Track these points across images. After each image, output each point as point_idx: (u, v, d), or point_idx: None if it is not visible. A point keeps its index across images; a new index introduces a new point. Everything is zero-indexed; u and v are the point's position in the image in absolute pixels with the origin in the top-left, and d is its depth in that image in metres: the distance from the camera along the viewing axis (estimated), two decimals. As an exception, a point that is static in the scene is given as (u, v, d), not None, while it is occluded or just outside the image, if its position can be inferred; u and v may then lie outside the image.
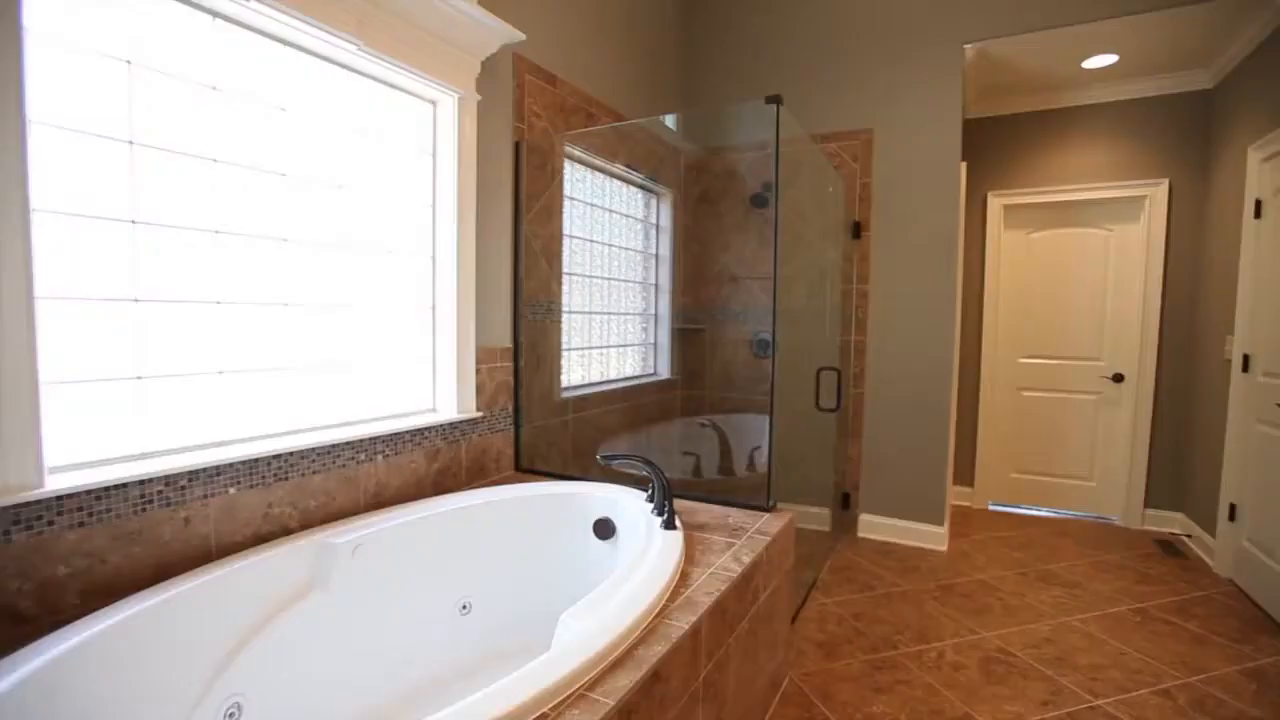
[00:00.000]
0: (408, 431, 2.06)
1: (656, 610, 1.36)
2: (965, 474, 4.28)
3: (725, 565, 1.60)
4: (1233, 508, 3.13)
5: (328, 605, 1.58)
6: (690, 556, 1.66)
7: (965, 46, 3.31)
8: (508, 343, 2.55)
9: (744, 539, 1.79)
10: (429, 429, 2.14)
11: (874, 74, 3.51)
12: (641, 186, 3.56)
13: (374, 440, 1.94)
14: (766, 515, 2.01)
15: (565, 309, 2.94)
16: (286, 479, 1.68)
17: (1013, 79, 3.76)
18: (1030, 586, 3.02)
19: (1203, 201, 3.69)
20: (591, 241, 3.16)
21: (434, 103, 2.22)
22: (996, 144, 4.13)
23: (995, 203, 4.14)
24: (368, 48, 1.82)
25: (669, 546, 1.60)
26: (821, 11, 3.63)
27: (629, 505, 2.01)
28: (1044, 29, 3.16)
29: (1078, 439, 4.09)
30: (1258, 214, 3.05)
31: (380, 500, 1.96)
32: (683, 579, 1.52)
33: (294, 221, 1.79)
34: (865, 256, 3.55)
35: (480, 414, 2.35)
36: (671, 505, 1.78)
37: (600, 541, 2.09)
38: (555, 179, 2.78)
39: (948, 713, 2.03)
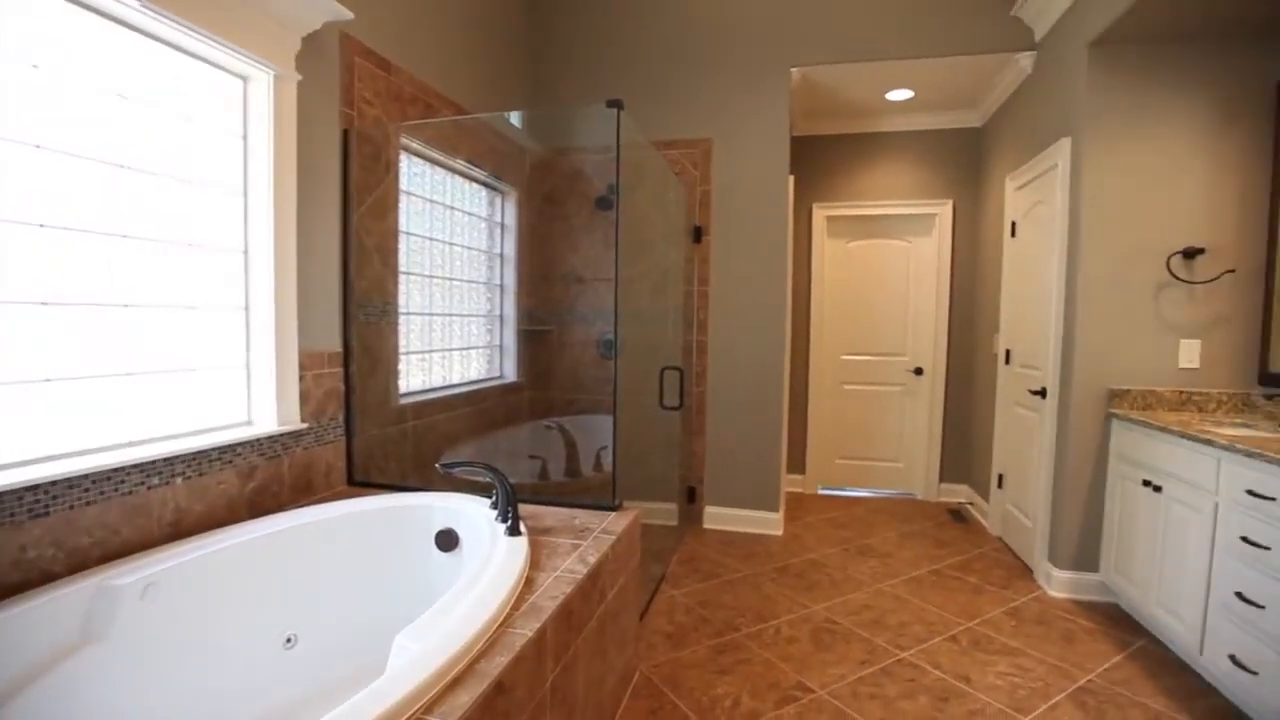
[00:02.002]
0: (215, 449, 1.82)
1: (500, 620, 1.33)
2: (798, 462, 4.66)
3: (571, 567, 1.60)
4: (1000, 477, 3.72)
5: (109, 659, 1.35)
6: (536, 562, 1.64)
7: (792, 70, 3.61)
8: (337, 346, 2.36)
9: (590, 539, 1.81)
10: (243, 444, 1.91)
11: (713, 87, 3.71)
12: (485, 184, 3.46)
13: (171, 461, 1.70)
14: (612, 514, 2.04)
15: (403, 310, 2.78)
16: (47, 514, 1.41)
17: (832, 103, 4.16)
18: (852, 560, 3.36)
19: (977, 221, 4.34)
20: (432, 240, 3.02)
21: (245, 78, 1.99)
22: (820, 160, 4.54)
23: (819, 214, 4.55)
24: (150, 3, 1.58)
25: (513, 553, 1.57)
26: (664, 20, 3.77)
27: (473, 514, 1.94)
28: (855, 61, 3.53)
29: (888, 426, 4.62)
30: (1013, 233, 3.65)
31: (180, 530, 1.72)
32: (528, 585, 1.50)
33: (67, 206, 1.51)
34: (706, 259, 3.75)
35: (305, 425, 2.15)
36: (516, 511, 1.75)
37: (444, 554, 2.00)
38: (390, 172, 2.62)
39: (783, 684, 2.19)
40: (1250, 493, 1.97)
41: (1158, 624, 2.51)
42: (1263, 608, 1.92)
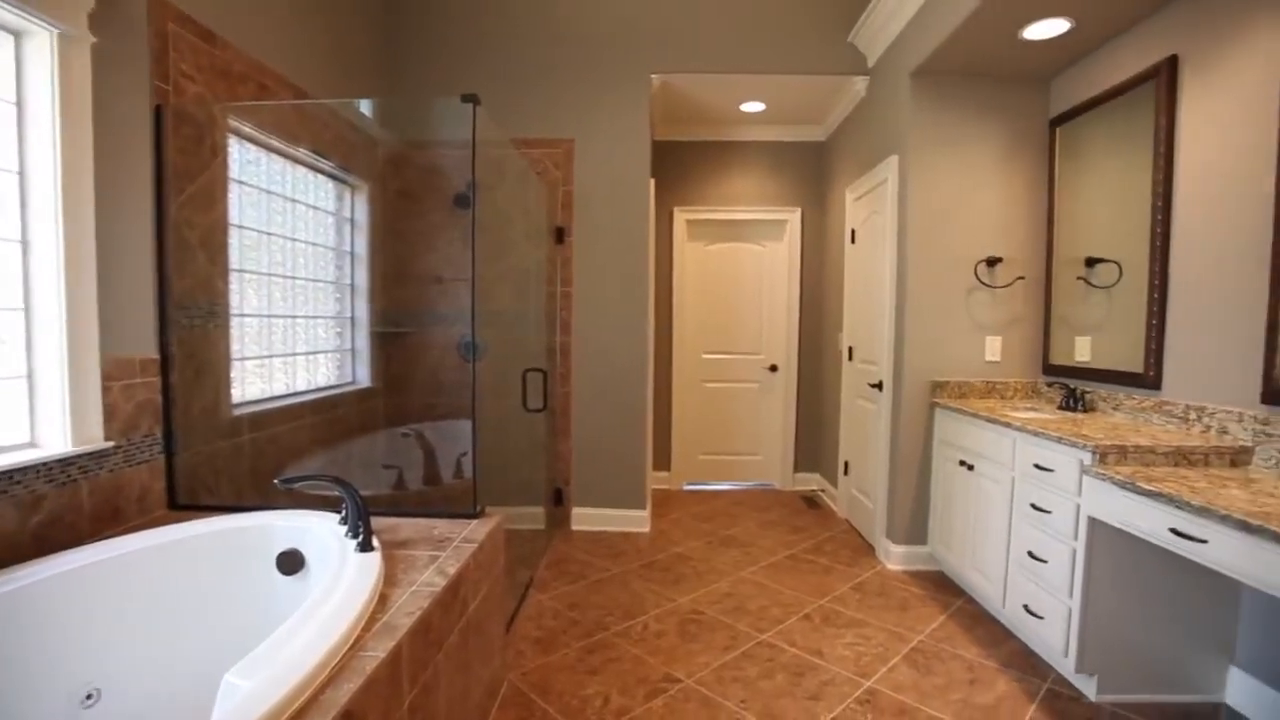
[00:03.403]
0: (-15, 476, 1.53)
1: (349, 643, 1.23)
2: (663, 460, 4.79)
3: (429, 580, 1.53)
4: (846, 464, 4.06)
5: None
6: (390, 577, 1.55)
7: (653, 76, 3.70)
8: (153, 353, 2.07)
9: (450, 549, 1.73)
10: (21, 470, 1.62)
11: (576, 88, 3.71)
12: (332, 176, 3.21)
13: (-79, 493, 1.40)
14: (474, 522, 1.97)
15: (236, 312, 2.51)
16: None
17: (691, 111, 4.32)
18: (715, 552, 3.50)
19: (822, 228, 4.70)
20: (270, 235, 2.75)
21: (17, 34, 1.69)
22: (680, 165, 4.69)
23: (680, 217, 4.71)
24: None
25: (365, 571, 1.46)
26: (527, 18, 3.71)
27: (320, 531, 1.79)
28: (710, 72, 3.70)
29: (747, 421, 4.88)
30: (853, 240, 4.00)
31: (-64, 574, 1.42)
32: (381, 603, 1.41)
33: None
34: (569, 260, 3.74)
35: (111, 444, 1.86)
36: (368, 525, 1.63)
37: (287, 578, 1.82)
38: (218, 157, 2.35)
39: (652, 677, 2.24)
40: (1036, 466, 2.31)
41: (972, 585, 2.86)
42: (1045, 562, 2.25)
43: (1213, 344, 2.21)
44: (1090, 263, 2.82)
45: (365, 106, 3.50)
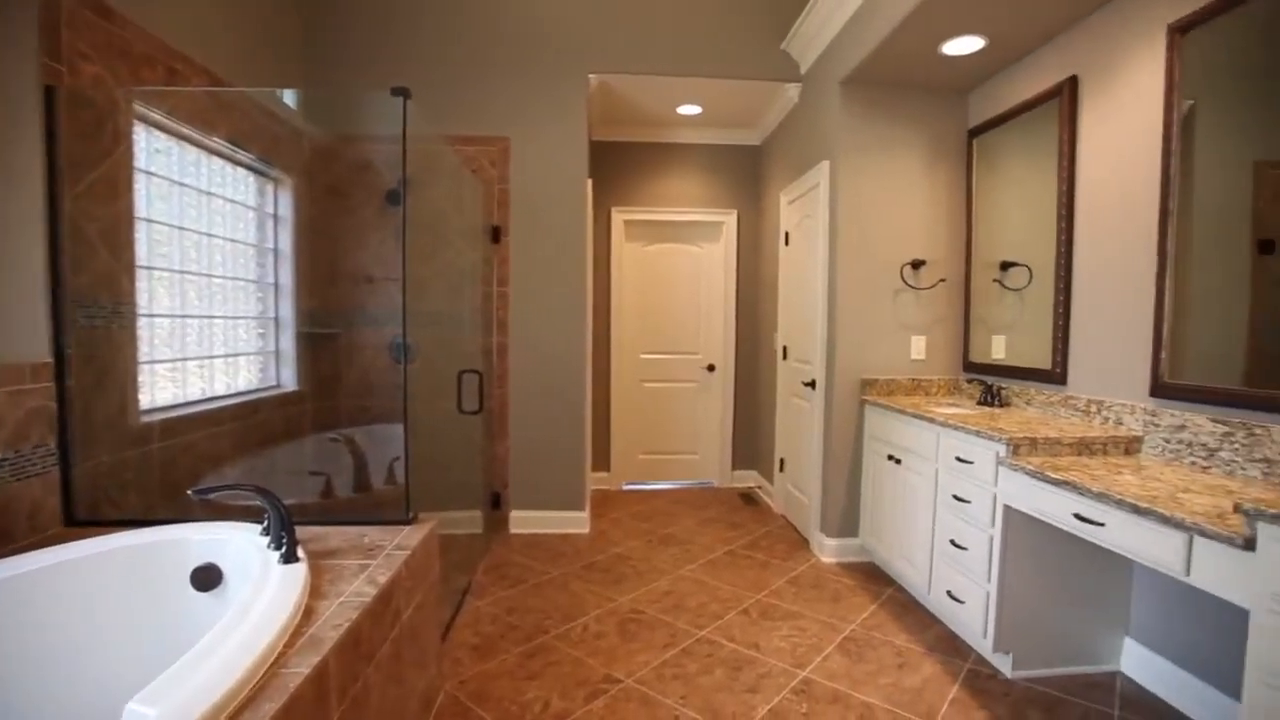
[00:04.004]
0: None
1: (271, 659, 1.17)
2: (602, 460, 4.78)
3: (359, 590, 1.47)
4: (782, 461, 4.16)
5: None
6: (317, 589, 1.48)
7: (590, 76, 3.68)
8: (46, 356, 1.91)
9: (382, 557, 1.67)
10: (-108, 486, 1.46)
11: (511, 85, 3.66)
12: (253, 169, 3.05)
13: None
14: (406, 529, 1.91)
15: (144, 311, 2.35)
16: None
17: (629, 112, 4.33)
18: (655, 550, 3.52)
19: (758, 230, 4.80)
20: (183, 230, 2.59)
21: (-118, 10, 1.53)
22: (618, 165, 4.70)
23: (618, 217, 4.71)
24: None
25: (288, 583, 1.40)
26: (463, 12, 3.63)
27: (240, 544, 1.69)
28: (647, 74, 3.71)
29: (685, 420, 4.93)
30: (786, 242, 4.11)
31: None
32: (306, 616, 1.34)
33: None
34: (505, 260, 3.68)
35: (-3, 455, 1.71)
36: (292, 535, 1.56)
37: (203, 594, 1.72)
38: (121, 145, 2.19)
39: (592, 679, 2.23)
40: (958, 459, 2.43)
41: (901, 574, 2.99)
42: (966, 549, 2.38)
43: (1110, 343, 2.39)
44: (1004, 266, 3.00)
45: (289, 97, 3.35)
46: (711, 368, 4.89)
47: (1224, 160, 1.97)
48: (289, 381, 3.28)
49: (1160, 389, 2.14)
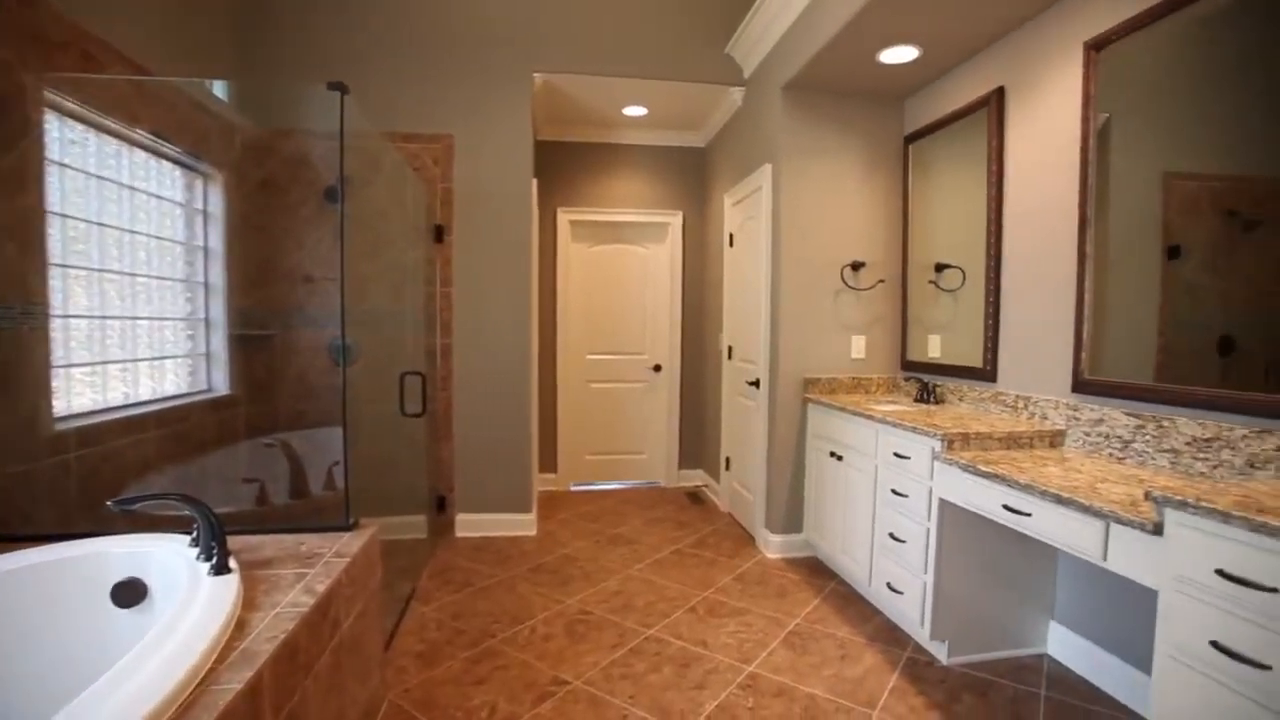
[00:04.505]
0: None
1: (200, 676, 1.12)
2: (549, 461, 4.75)
3: (295, 600, 1.42)
4: (728, 460, 4.23)
5: None
6: (250, 600, 1.42)
7: (535, 74, 3.65)
8: (-57, 360, 1.77)
9: (320, 565, 1.62)
10: None
11: (455, 82, 3.59)
12: (181, 163, 2.90)
13: None
14: (347, 535, 1.85)
15: (58, 312, 2.20)
16: None
17: (575, 112, 4.32)
18: (603, 551, 3.52)
19: (703, 231, 4.86)
20: (103, 226, 2.44)
21: None
22: (564, 165, 4.67)
23: (563, 218, 4.69)
24: None
25: (218, 595, 1.33)
26: (401, 4, 3.54)
27: (166, 556, 1.61)
28: (592, 74, 3.71)
29: (632, 420, 4.95)
30: (731, 244, 4.17)
31: None
32: (239, 629, 1.29)
33: None
34: (449, 260, 3.61)
35: (-113, 468, 1.57)
36: (223, 545, 1.49)
37: (125, 611, 1.62)
38: (30, 135, 2.05)
39: (540, 681, 2.21)
40: (896, 454, 2.52)
41: (843, 568, 3.08)
42: (904, 542, 2.47)
43: (1036, 342, 2.52)
44: (939, 268, 3.13)
45: (219, 89, 3.20)
46: (658, 368, 4.92)
47: (1136, 171, 2.11)
48: (221, 385, 3.13)
49: (1081, 385, 2.27)
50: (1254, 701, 1.21)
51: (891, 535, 2.56)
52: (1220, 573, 1.28)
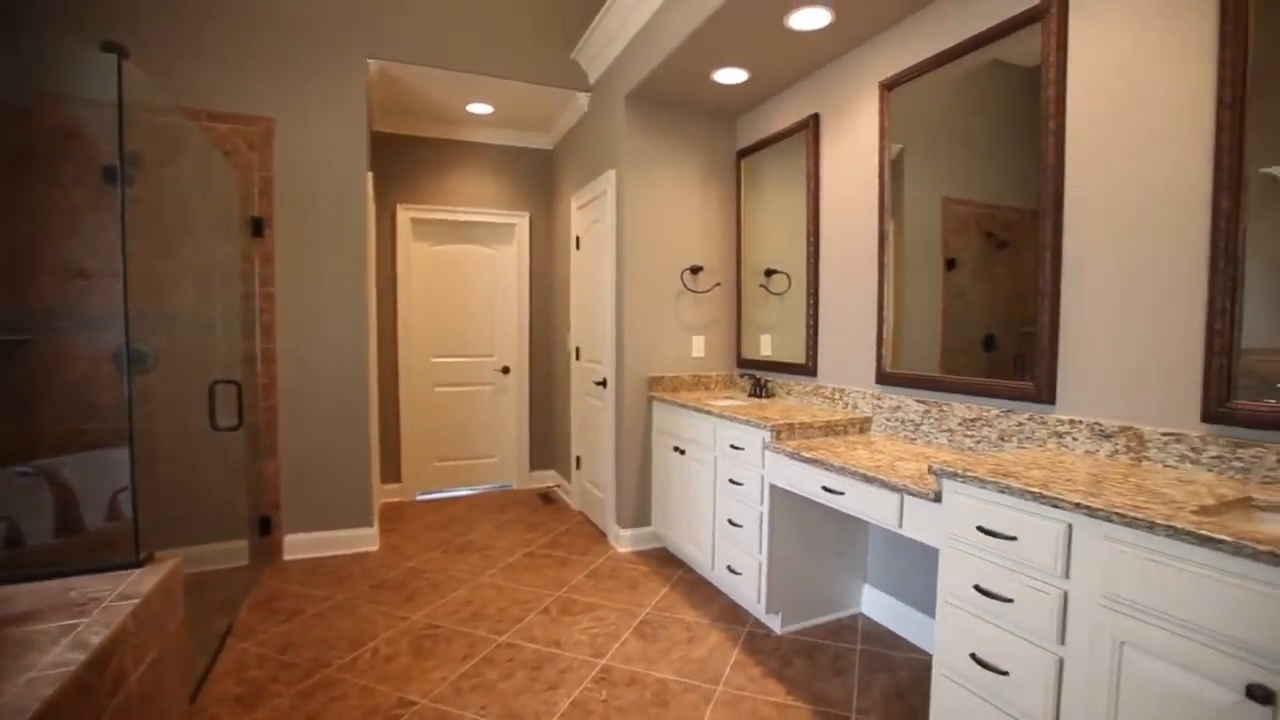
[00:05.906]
0: None
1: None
2: (393, 471, 4.48)
3: (59, 660, 1.19)
4: (578, 459, 4.26)
5: None
6: None
7: (370, 61, 3.42)
8: None
9: (97, 612, 1.38)
10: None
11: (277, 59, 3.25)
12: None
13: None
14: (136, 572, 1.60)
15: None
16: None
17: (416, 105, 4.10)
18: (452, 560, 3.39)
19: (550, 233, 4.86)
20: None
21: None
22: (404, 160, 4.42)
23: (404, 215, 4.44)
24: None
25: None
26: (198, -31, 3.13)
27: (-118, 616, 1.29)
28: (432, 66, 3.55)
29: (481, 424, 4.81)
30: (578, 246, 4.22)
31: None
32: (-12, 699, 1.07)
33: None
34: (269, 257, 3.27)
35: None
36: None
37: None
38: None
39: (383, 707, 2.08)
40: (732, 446, 2.71)
41: (689, 556, 3.24)
42: (742, 526, 2.66)
43: (849, 341, 2.83)
44: (769, 273, 3.40)
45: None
46: (506, 370, 4.84)
47: (923, 194, 2.45)
48: (-39, 402, 2.56)
49: (883, 377, 2.59)
50: (1002, 629, 1.50)
51: (730, 521, 2.74)
52: (980, 528, 1.54)
